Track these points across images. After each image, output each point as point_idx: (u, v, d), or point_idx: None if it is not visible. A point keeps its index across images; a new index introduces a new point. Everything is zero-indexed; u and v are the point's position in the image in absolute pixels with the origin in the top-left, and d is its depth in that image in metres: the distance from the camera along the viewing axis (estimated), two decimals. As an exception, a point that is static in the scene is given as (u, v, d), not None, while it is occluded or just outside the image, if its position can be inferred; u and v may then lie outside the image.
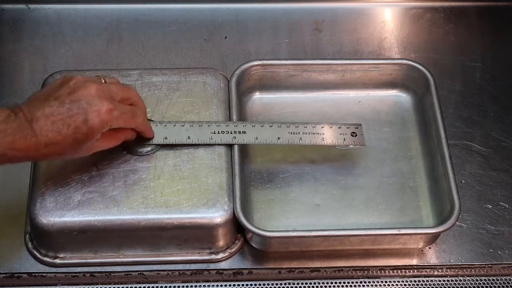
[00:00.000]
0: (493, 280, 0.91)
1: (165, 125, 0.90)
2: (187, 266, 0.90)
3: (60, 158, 0.81)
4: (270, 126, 0.92)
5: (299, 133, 0.92)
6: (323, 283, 0.90)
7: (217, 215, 0.86)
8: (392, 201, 0.94)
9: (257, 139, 0.91)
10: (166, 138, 0.89)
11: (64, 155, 0.79)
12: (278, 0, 1.14)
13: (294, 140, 0.92)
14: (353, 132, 0.94)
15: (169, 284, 0.90)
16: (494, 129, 1.03)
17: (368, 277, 0.91)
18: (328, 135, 0.93)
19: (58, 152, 0.78)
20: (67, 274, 0.89)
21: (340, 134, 0.93)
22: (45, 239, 0.88)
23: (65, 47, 1.08)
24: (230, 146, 0.91)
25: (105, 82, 0.83)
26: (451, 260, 0.92)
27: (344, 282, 0.90)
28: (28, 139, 0.75)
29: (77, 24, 1.10)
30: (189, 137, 0.90)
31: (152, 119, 0.91)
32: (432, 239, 0.91)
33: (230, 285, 0.90)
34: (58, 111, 0.77)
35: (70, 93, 0.79)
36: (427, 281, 0.91)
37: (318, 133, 0.93)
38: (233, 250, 0.91)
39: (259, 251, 0.91)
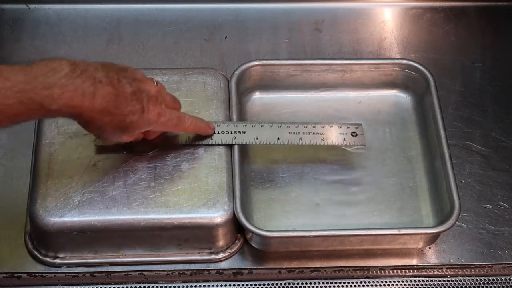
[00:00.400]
0: (493, 280, 0.91)
1: (165, 125, 0.90)
2: (187, 266, 0.90)
3: (96, 131, 0.79)
4: (270, 126, 0.92)
5: (299, 133, 0.92)
6: (323, 283, 0.90)
7: (217, 215, 0.86)
8: (392, 201, 0.94)
9: (257, 139, 0.91)
10: (166, 138, 0.89)
11: (101, 129, 0.78)
12: (278, 0, 1.14)
13: (294, 140, 0.92)
14: (353, 132, 0.94)
15: (169, 284, 0.89)
16: (494, 129, 1.03)
17: (368, 277, 0.91)
18: (328, 135, 0.93)
19: (103, 123, 0.77)
20: (67, 274, 0.89)
21: (340, 134, 0.93)
22: (45, 239, 0.88)
23: (65, 47, 1.08)
24: (230, 146, 0.91)
25: (157, 84, 0.84)
26: (451, 260, 0.92)
27: (344, 282, 0.90)
28: (87, 99, 0.74)
29: (77, 24, 1.10)
30: (189, 137, 0.90)
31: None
32: (432, 239, 0.91)
33: (230, 285, 0.90)
34: (124, 88, 0.77)
35: (135, 80, 0.80)
36: (427, 281, 0.91)
37: (318, 133, 0.93)
38: (233, 250, 0.91)
39: (259, 251, 0.91)
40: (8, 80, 0.71)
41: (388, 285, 0.91)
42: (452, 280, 0.91)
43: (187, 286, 0.89)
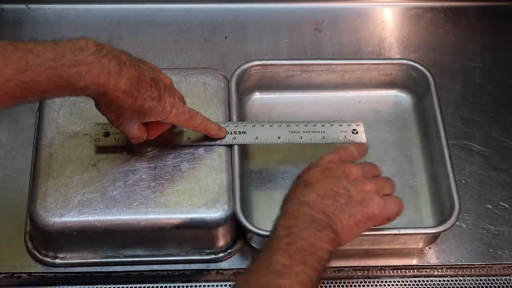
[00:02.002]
0: (493, 280, 0.91)
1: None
2: (187, 266, 0.90)
3: (114, 114, 0.79)
4: (270, 126, 0.92)
5: (299, 132, 0.92)
6: (323, 283, 0.90)
7: (217, 215, 0.86)
8: (392, 201, 0.94)
9: (257, 138, 0.91)
10: (166, 138, 0.89)
11: (121, 112, 0.79)
12: (278, 0, 1.14)
13: (295, 139, 0.92)
14: (354, 130, 0.94)
15: (169, 284, 0.89)
16: (494, 129, 1.03)
17: (368, 277, 0.91)
18: (328, 133, 0.93)
19: (126, 104, 0.77)
20: (67, 274, 0.89)
21: (341, 132, 0.93)
22: (45, 239, 0.88)
23: (65, 47, 1.08)
24: (230, 146, 0.91)
25: None
26: (451, 260, 0.92)
27: (344, 282, 0.90)
28: (112, 77, 0.75)
29: (77, 24, 1.10)
30: (189, 138, 0.90)
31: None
32: (432, 239, 0.91)
33: (230, 285, 0.89)
34: (145, 73, 0.78)
35: (152, 69, 0.81)
36: (427, 281, 0.91)
37: (319, 132, 0.93)
38: (233, 250, 0.91)
39: (259, 251, 0.90)
40: (38, 57, 0.72)
41: (388, 285, 0.91)
42: (452, 280, 0.91)
43: (187, 286, 0.89)
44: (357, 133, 0.94)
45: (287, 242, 0.73)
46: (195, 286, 0.90)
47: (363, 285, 0.90)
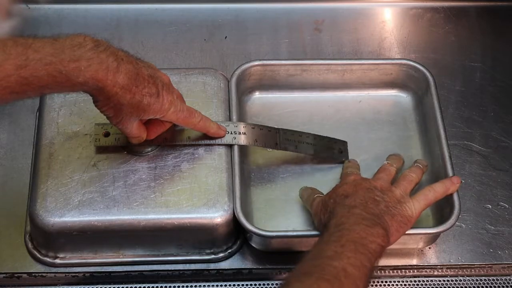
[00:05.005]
0: (493, 280, 0.91)
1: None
2: (187, 266, 0.90)
3: (113, 110, 0.79)
4: (269, 131, 0.92)
5: (294, 141, 0.93)
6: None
7: (217, 215, 0.86)
8: (392, 201, 0.94)
9: (256, 141, 0.91)
10: (166, 138, 0.89)
11: (119, 108, 0.79)
12: (278, 0, 1.14)
13: (290, 147, 0.92)
14: (340, 149, 0.95)
15: (169, 284, 0.90)
16: (494, 129, 1.03)
17: (368, 277, 0.91)
18: (319, 147, 0.94)
19: (124, 100, 0.78)
20: (67, 274, 0.89)
21: (329, 148, 0.94)
22: (45, 239, 0.88)
23: (65, 47, 1.08)
24: (230, 146, 0.91)
25: None
26: (451, 260, 0.92)
27: (344, 282, 0.90)
28: (111, 72, 0.75)
29: (77, 24, 1.10)
30: (189, 137, 0.90)
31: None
32: (432, 239, 0.91)
33: (230, 285, 0.90)
34: (142, 70, 0.79)
35: (150, 67, 0.82)
36: (427, 281, 0.91)
37: (311, 144, 0.94)
38: (233, 250, 0.91)
39: (259, 251, 0.90)
40: (37, 52, 0.72)
41: (388, 285, 0.91)
42: (452, 280, 0.92)
43: (187, 286, 0.89)
44: (341, 152, 0.95)
45: (339, 235, 0.78)
46: (195, 286, 0.90)
47: (363, 285, 0.90)
